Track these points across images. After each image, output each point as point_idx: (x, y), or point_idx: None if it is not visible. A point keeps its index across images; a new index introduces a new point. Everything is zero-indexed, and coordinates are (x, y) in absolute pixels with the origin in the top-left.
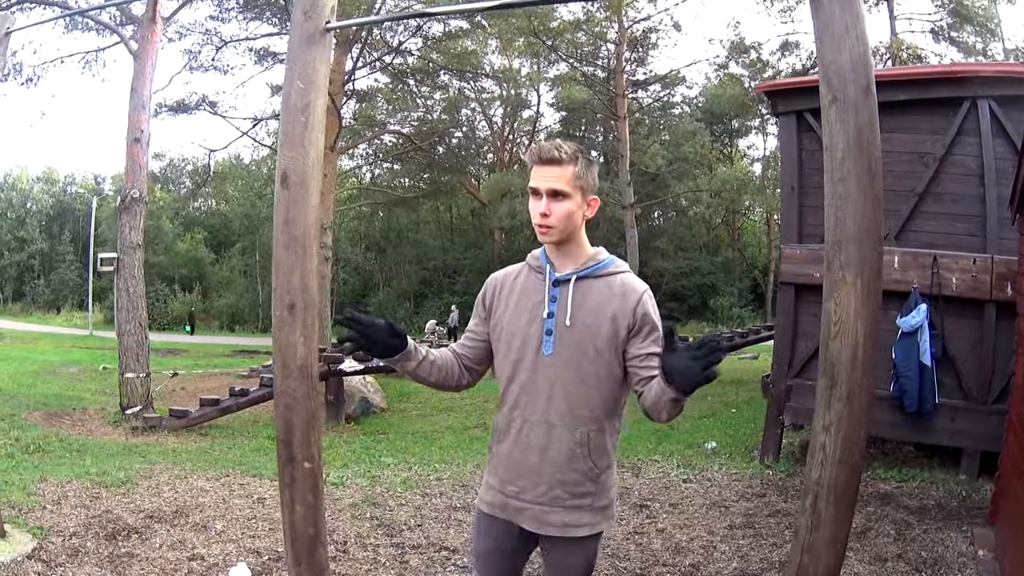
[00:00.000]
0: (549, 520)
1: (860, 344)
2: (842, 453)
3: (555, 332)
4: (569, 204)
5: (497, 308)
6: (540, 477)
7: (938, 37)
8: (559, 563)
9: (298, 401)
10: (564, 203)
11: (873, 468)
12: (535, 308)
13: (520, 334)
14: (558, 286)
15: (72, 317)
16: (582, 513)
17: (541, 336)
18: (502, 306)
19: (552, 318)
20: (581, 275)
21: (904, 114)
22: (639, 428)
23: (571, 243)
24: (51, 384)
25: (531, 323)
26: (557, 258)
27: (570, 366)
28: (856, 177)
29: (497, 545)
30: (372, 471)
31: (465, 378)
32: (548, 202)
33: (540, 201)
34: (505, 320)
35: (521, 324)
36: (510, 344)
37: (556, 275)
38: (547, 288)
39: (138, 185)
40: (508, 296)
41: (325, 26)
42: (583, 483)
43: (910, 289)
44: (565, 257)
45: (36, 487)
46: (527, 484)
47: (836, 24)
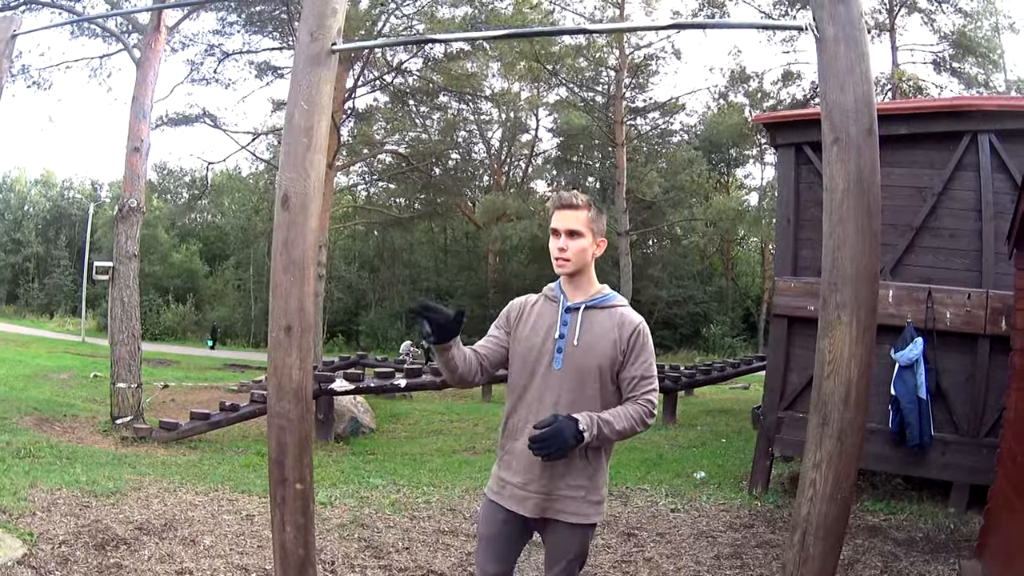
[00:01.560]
0: (550, 507)
1: (853, 383)
2: (832, 490)
3: (564, 350)
4: (583, 242)
5: (518, 326)
6: (545, 471)
7: (939, 68)
8: (557, 548)
9: (292, 423)
10: (579, 241)
11: (862, 501)
12: (549, 329)
13: (536, 350)
14: (569, 312)
15: (65, 322)
16: (578, 504)
17: (553, 353)
18: (522, 325)
19: (563, 339)
20: (589, 305)
21: (904, 148)
22: (628, 457)
23: (582, 276)
24: (42, 389)
25: (545, 341)
26: (569, 289)
27: (575, 379)
28: (855, 219)
29: (500, 531)
30: (361, 492)
31: (480, 375)
32: (566, 239)
33: (559, 239)
34: (523, 336)
35: (537, 342)
36: (526, 358)
37: (568, 304)
38: (560, 314)
39: (136, 195)
40: (527, 318)
41: (331, 48)
42: (579, 478)
43: (904, 323)
44: (576, 289)
45: (26, 492)
46: (533, 476)
47: (840, 62)
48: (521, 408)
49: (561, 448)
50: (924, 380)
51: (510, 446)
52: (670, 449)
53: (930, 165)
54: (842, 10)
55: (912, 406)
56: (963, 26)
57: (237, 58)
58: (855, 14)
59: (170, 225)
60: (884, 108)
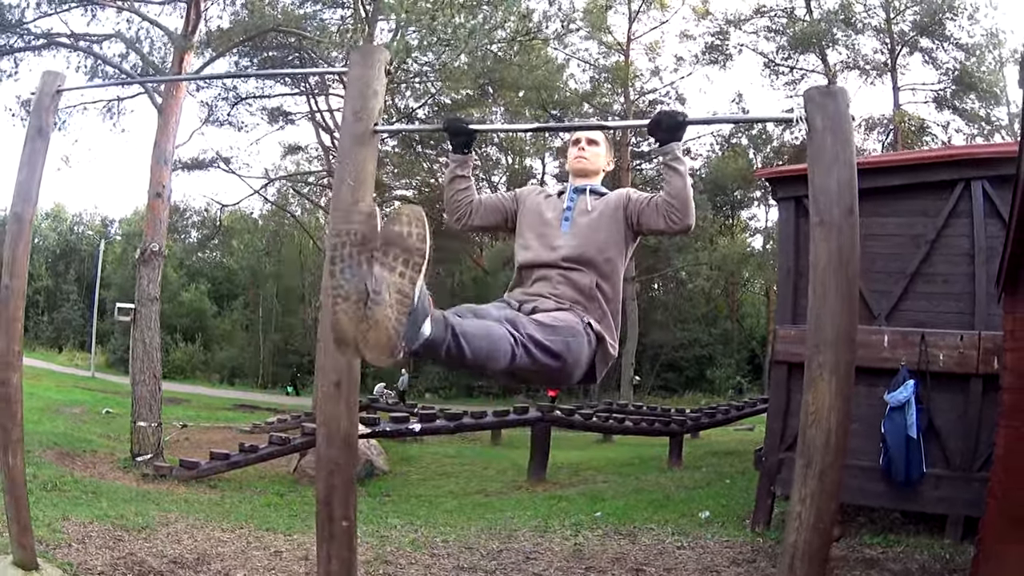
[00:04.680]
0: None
1: (833, 431)
2: (815, 521)
3: (572, 218)
4: (599, 150)
5: (526, 202)
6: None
7: (941, 106)
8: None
9: (340, 467)
10: (596, 148)
11: (860, 535)
12: (556, 207)
13: (544, 222)
14: (577, 192)
15: (74, 357)
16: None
17: (561, 221)
18: (530, 201)
19: (570, 209)
20: (594, 188)
21: (898, 199)
22: (636, 499)
23: (591, 180)
24: (57, 423)
25: (554, 211)
26: (578, 183)
27: (585, 236)
28: (836, 289)
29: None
30: (380, 531)
31: (468, 214)
32: (586, 144)
33: (579, 144)
34: (531, 209)
35: (548, 216)
36: (533, 227)
37: (576, 185)
38: (568, 193)
39: (158, 239)
40: (536, 197)
41: (373, 128)
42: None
43: (898, 366)
44: (584, 182)
45: (60, 525)
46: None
47: (827, 152)
48: (536, 269)
49: (671, 116)
50: (915, 420)
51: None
52: (676, 490)
53: (924, 213)
54: (831, 104)
55: (899, 445)
56: (964, 62)
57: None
58: (842, 107)
59: (179, 264)
60: (880, 161)
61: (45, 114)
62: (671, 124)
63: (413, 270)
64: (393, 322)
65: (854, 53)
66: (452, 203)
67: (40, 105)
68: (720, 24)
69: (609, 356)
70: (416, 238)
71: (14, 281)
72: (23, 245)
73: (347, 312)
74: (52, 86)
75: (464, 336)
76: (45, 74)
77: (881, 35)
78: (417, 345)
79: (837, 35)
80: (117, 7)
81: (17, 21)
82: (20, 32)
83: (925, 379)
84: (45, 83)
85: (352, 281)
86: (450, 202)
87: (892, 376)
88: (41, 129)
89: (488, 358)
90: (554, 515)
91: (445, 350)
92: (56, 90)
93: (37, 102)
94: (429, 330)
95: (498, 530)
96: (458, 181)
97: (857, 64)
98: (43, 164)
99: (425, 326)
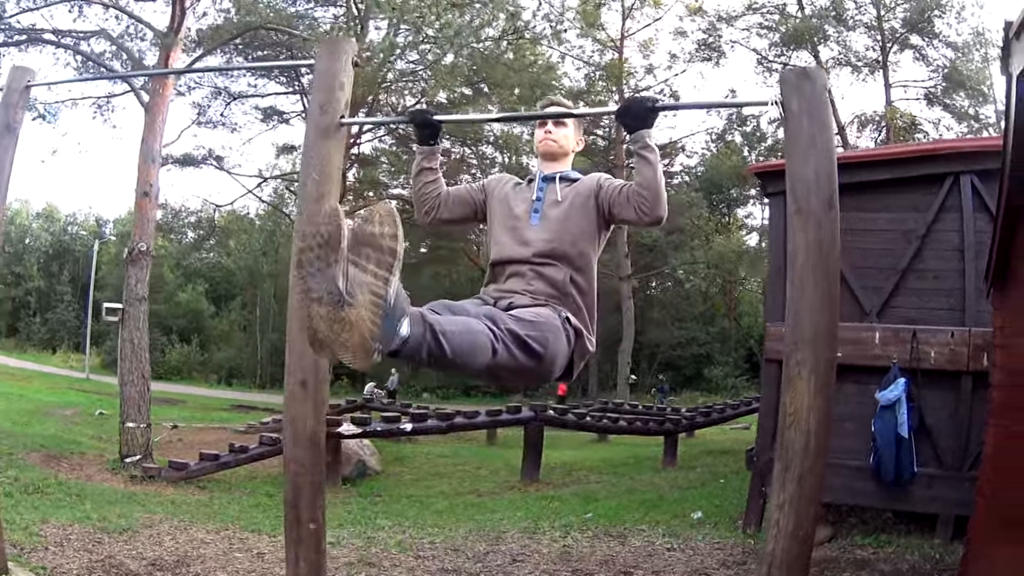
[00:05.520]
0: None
1: (812, 433)
2: (794, 528)
3: (542, 211)
4: (566, 131)
5: (494, 193)
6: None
7: (932, 103)
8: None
9: (306, 468)
10: (563, 129)
11: (851, 536)
12: (527, 199)
13: (513, 216)
14: (546, 181)
15: (68, 358)
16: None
17: (530, 213)
18: (499, 192)
19: (540, 201)
20: (564, 176)
21: (889, 193)
22: (628, 499)
23: (561, 163)
24: (47, 425)
25: (524, 205)
26: (546, 168)
27: (555, 228)
28: (814, 284)
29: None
30: (368, 532)
31: (435, 207)
32: (552, 125)
33: (546, 125)
34: (500, 201)
35: (517, 209)
36: (504, 222)
37: (544, 174)
38: (536, 182)
39: (145, 239)
40: (504, 188)
41: (339, 121)
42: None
43: (890, 364)
44: (552, 169)
45: (38, 528)
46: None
47: (803, 136)
48: (508, 266)
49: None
50: (907, 419)
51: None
52: (669, 490)
53: (914, 208)
54: (807, 86)
55: (888, 444)
56: (954, 60)
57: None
58: (819, 89)
59: (175, 265)
60: (868, 155)
61: (13, 110)
62: (640, 111)
63: (386, 270)
64: (368, 324)
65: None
66: (419, 196)
67: (8, 101)
68: (712, 20)
69: (586, 351)
70: (388, 238)
71: None
72: None
73: (322, 315)
74: (21, 82)
75: (444, 335)
76: (13, 69)
77: (872, 32)
78: (395, 345)
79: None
80: (104, 4)
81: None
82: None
83: (916, 377)
84: (13, 79)
85: (323, 284)
86: (418, 195)
87: (884, 374)
88: (9, 125)
89: (469, 355)
90: (545, 516)
91: (426, 350)
92: (25, 86)
93: (5, 97)
94: (407, 330)
95: (487, 531)
96: (425, 173)
97: (849, 61)
98: (12, 160)
99: (403, 326)
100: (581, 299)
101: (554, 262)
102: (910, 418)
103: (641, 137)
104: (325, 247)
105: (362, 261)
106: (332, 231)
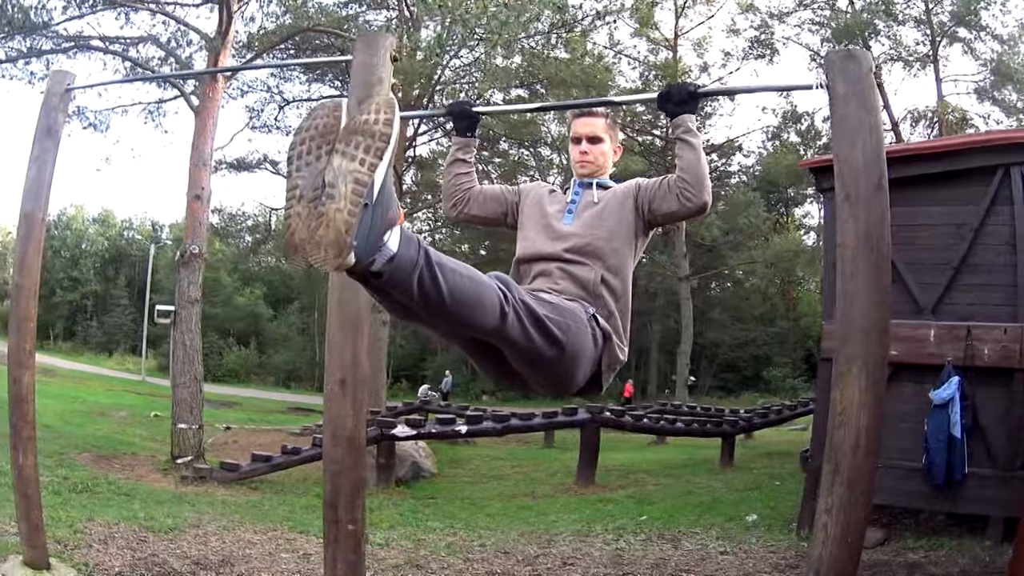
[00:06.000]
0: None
1: (863, 432)
2: (842, 533)
3: (576, 212)
4: (603, 147)
5: (527, 198)
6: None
7: (982, 97)
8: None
9: (345, 469)
10: (599, 145)
11: (904, 539)
12: (561, 202)
13: (547, 216)
14: (582, 186)
15: (125, 361)
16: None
17: (564, 214)
18: (532, 197)
19: (575, 203)
20: (600, 183)
21: (939, 186)
22: (683, 501)
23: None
24: (101, 426)
25: (558, 205)
26: (583, 177)
27: (589, 227)
28: (865, 274)
29: None
30: (418, 534)
31: (465, 201)
32: (587, 144)
33: (580, 144)
34: (533, 204)
35: (550, 211)
36: (537, 224)
37: (580, 181)
38: (572, 188)
39: (197, 241)
40: (539, 193)
41: None
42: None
43: (945, 362)
44: (589, 176)
45: (83, 525)
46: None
47: (850, 118)
48: (535, 263)
49: (682, 88)
50: (959, 418)
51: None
52: (725, 492)
53: (967, 202)
54: (852, 67)
55: (939, 445)
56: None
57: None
58: (865, 70)
59: (233, 268)
60: (918, 148)
61: (54, 113)
62: (682, 95)
63: (375, 155)
64: (345, 215)
65: (897, 44)
66: (450, 188)
67: (49, 104)
68: (764, 17)
69: (616, 358)
70: (382, 123)
71: (25, 280)
72: (34, 244)
73: (300, 214)
74: (61, 86)
75: (441, 267)
76: (54, 73)
77: (921, 26)
78: (378, 256)
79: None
80: (151, 10)
81: (44, 23)
82: (48, 34)
83: (970, 375)
84: (54, 82)
85: (308, 178)
86: (448, 187)
87: (938, 372)
88: (50, 128)
89: (472, 306)
90: (598, 518)
91: (417, 279)
92: (65, 89)
93: (46, 101)
94: (396, 245)
95: (539, 534)
96: (458, 164)
97: (900, 56)
98: (53, 163)
99: (390, 237)
100: (614, 303)
101: (585, 260)
102: (963, 417)
103: (683, 122)
104: (319, 138)
105: (350, 149)
106: (329, 122)
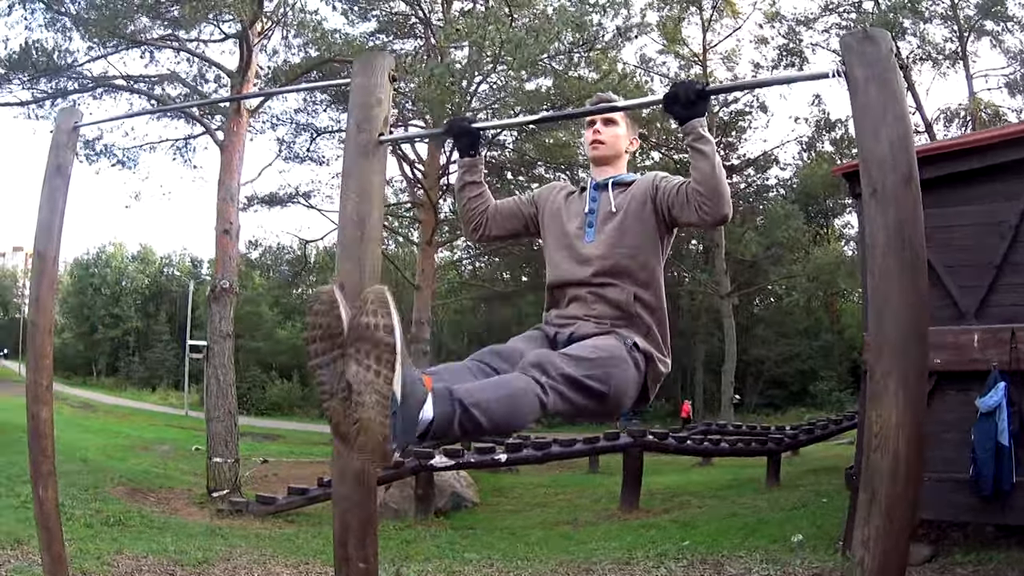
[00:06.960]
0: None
1: (902, 457)
2: (880, 568)
3: (596, 224)
4: (617, 130)
5: (546, 206)
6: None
7: (1013, 91)
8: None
9: (354, 506)
10: (613, 128)
11: (952, 554)
12: (579, 211)
13: (566, 232)
14: (597, 190)
15: (168, 396)
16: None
17: (585, 228)
18: (551, 205)
19: (593, 214)
20: (616, 181)
21: (973, 184)
22: (728, 523)
23: (613, 166)
24: (142, 460)
25: (577, 219)
26: (597, 173)
27: (612, 239)
28: (897, 276)
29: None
30: (453, 566)
31: (484, 223)
32: (600, 125)
33: (594, 125)
34: (552, 216)
35: (569, 226)
36: (558, 238)
37: (596, 181)
38: (589, 191)
39: (228, 276)
40: (556, 199)
41: (378, 139)
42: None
43: (990, 368)
44: (604, 174)
45: (111, 558)
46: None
47: (872, 106)
48: (567, 289)
49: (689, 88)
50: (1007, 425)
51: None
52: (771, 512)
53: (1004, 197)
54: (870, 50)
55: (986, 454)
56: None
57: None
58: (884, 52)
59: (274, 302)
60: (950, 144)
61: (63, 151)
62: (690, 96)
63: (387, 367)
64: (378, 425)
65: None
66: (466, 213)
67: (58, 142)
68: (791, 25)
69: (660, 374)
70: (383, 330)
71: (40, 318)
72: (47, 283)
73: (337, 411)
74: (69, 123)
75: (477, 406)
76: (62, 111)
77: (948, 22)
78: (419, 434)
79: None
80: (174, 48)
81: (68, 64)
82: (73, 75)
83: (1017, 379)
84: (62, 120)
85: (331, 379)
86: (464, 212)
87: (983, 379)
88: (60, 167)
89: (512, 418)
90: (640, 545)
91: (459, 425)
92: (73, 127)
93: (55, 139)
94: (431, 413)
95: (578, 563)
96: (469, 188)
97: (929, 55)
98: (64, 201)
99: (425, 411)
100: (650, 317)
101: (615, 281)
102: (1011, 424)
103: (693, 128)
104: (327, 339)
105: (362, 358)
106: (331, 321)
